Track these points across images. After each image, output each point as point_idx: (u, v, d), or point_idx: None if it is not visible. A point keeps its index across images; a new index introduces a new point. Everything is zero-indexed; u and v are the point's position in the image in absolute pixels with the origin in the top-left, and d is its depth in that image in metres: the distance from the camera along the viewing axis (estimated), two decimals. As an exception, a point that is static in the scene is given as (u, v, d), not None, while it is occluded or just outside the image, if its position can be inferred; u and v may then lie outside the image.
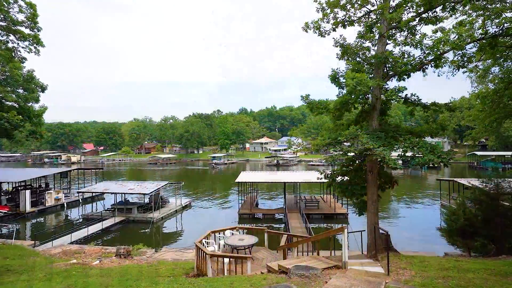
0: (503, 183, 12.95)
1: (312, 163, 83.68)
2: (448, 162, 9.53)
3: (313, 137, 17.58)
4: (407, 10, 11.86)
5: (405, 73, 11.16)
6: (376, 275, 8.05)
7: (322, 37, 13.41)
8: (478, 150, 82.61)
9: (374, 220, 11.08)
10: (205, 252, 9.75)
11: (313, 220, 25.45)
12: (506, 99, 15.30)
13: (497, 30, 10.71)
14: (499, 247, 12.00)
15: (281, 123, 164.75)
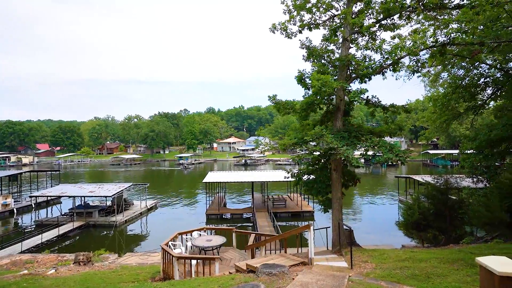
0: (451, 179, 14.14)
1: (280, 163, 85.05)
2: (405, 160, 10.19)
3: (280, 136, 17.95)
4: (368, 16, 12.47)
5: (367, 76, 11.73)
6: (340, 269, 8.39)
7: (289, 38, 13.68)
8: (431, 149, 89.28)
9: (339, 217, 11.53)
10: (172, 254, 9.50)
11: (281, 218, 25.87)
12: (453, 102, 16.70)
13: (446, 39, 11.63)
14: (448, 237, 13.09)
15: (249, 123, 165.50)
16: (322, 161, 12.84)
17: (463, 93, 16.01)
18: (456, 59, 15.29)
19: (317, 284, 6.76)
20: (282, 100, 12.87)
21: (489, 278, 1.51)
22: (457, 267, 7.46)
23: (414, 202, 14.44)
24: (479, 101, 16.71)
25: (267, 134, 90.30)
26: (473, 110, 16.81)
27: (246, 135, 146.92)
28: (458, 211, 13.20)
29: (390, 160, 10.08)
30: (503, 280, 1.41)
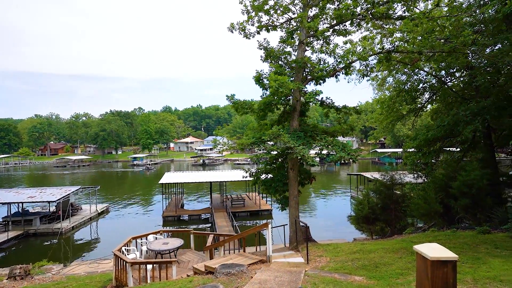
0: (395, 175, 15.39)
1: (238, 162, 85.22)
2: (356, 158, 10.86)
3: (239, 136, 17.99)
4: (322, 21, 13.03)
5: (321, 78, 12.27)
6: (297, 265, 8.67)
7: (247, 38, 13.77)
8: (379, 147, 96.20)
9: (295, 214, 11.90)
10: (125, 260, 9.02)
11: (240, 218, 25.95)
12: (397, 105, 18.19)
13: (391, 47, 12.63)
14: (393, 228, 14.24)
15: (207, 122, 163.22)
16: (279, 160, 13.15)
17: (406, 97, 17.52)
18: (399, 65, 16.68)
19: (275, 280, 6.91)
20: (240, 100, 12.92)
21: (423, 263, 1.68)
22: (400, 255, 8.15)
23: (364, 197, 15.45)
24: (418, 104, 18.41)
25: (225, 133, 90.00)
26: (414, 112, 18.47)
27: (204, 135, 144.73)
28: (401, 204, 14.41)
29: (343, 159, 10.68)
30: (433, 263, 1.59)
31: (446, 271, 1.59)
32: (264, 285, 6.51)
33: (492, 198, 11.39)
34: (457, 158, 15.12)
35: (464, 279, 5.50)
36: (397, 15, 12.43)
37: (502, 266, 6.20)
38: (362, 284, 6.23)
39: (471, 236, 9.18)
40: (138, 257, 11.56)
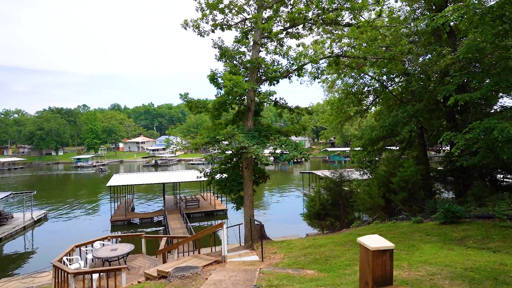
0: (344, 172, 16.39)
1: (192, 162, 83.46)
2: (308, 157, 11.33)
3: (193, 136, 17.58)
4: (276, 23, 13.34)
5: (275, 79, 12.55)
6: (252, 263, 8.77)
7: (201, 36, 13.54)
8: (329, 146, 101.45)
9: (250, 213, 12.01)
10: (66, 271, 8.27)
11: (194, 219, 25.43)
12: (345, 106, 19.39)
13: (339, 51, 13.41)
14: (342, 223, 15.14)
15: (159, 121, 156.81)
16: (234, 159, 13.16)
17: (353, 99, 18.75)
18: (347, 69, 17.80)
19: (230, 280, 6.90)
20: (194, 99, 12.66)
21: (365, 253, 1.82)
22: (348, 247, 8.70)
23: (316, 194, 16.19)
24: (364, 106, 19.82)
25: (179, 133, 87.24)
26: (360, 113, 19.83)
27: (156, 134, 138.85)
28: (349, 200, 15.39)
29: (296, 158, 11.06)
30: (374, 253, 1.73)
31: (384, 259, 1.74)
32: (219, 286, 6.47)
33: (424, 191, 12.72)
34: (396, 156, 16.60)
35: (401, 264, 6.06)
36: (345, 22, 13.21)
37: (431, 251, 6.96)
38: (314, 277, 6.52)
39: (407, 226, 10.14)
40: (83, 266, 10.70)
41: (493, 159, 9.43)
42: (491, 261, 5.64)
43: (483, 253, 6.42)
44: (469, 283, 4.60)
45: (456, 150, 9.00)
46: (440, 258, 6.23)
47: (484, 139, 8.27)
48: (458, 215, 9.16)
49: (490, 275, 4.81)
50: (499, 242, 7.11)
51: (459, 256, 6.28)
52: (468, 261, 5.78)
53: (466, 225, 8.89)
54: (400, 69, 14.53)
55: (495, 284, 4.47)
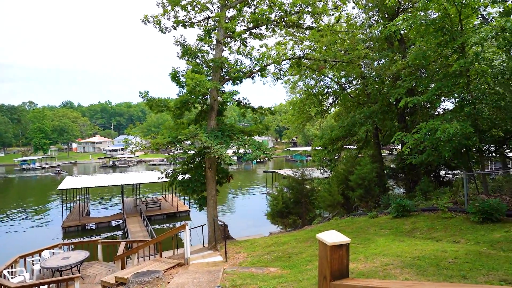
0: (305, 171, 16.91)
1: (153, 163, 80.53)
2: (271, 156, 11.52)
3: (153, 135, 16.90)
4: (240, 23, 13.36)
5: (238, 78, 12.57)
6: (216, 264, 8.70)
7: (163, 33, 13.13)
8: (291, 146, 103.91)
9: (214, 213, 11.91)
10: (7, 286, 7.53)
11: (156, 221, 24.58)
12: (307, 107, 20.01)
13: (301, 53, 13.80)
14: (303, 220, 15.61)
15: (117, 120, 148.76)
16: (197, 160, 12.95)
17: (314, 100, 19.42)
18: (308, 71, 18.38)
19: (193, 282, 6.78)
20: (155, 98, 12.23)
21: (324, 248, 1.91)
22: (309, 244, 8.99)
23: (279, 193, 16.51)
24: (324, 107, 20.61)
25: (139, 132, 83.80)
26: (321, 114, 20.60)
27: (114, 134, 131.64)
28: (311, 197, 15.91)
29: (259, 157, 11.18)
30: (332, 248, 1.82)
31: (341, 254, 1.84)
32: (182, 289, 6.33)
33: (379, 188, 13.58)
34: (354, 155, 17.51)
35: (358, 257, 6.41)
36: (306, 25, 13.63)
37: (385, 243, 7.46)
38: (277, 274, 6.64)
39: (364, 221, 10.75)
40: (29, 279, 9.81)
41: (437, 157, 10.35)
42: (434, 249, 6.19)
43: (428, 243, 7.02)
44: (416, 270, 5.00)
45: (406, 149, 9.74)
46: (392, 249, 6.70)
47: (430, 138, 9.04)
48: (408, 209, 9.91)
49: (433, 262, 5.28)
50: (441, 232, 7.83)
51: (408, 246, 6.80)
52: (415, 250, 6.28)
53: (414, 217, 9.65)
54: (357, 72, 15.36)
55: (437, 269, 4.92)
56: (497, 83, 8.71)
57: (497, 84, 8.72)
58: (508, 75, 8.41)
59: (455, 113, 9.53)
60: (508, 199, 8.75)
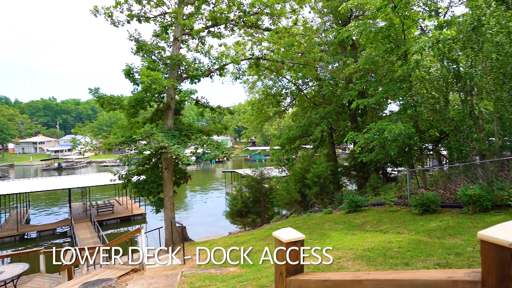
0: (264, 170, 17.17)
1: (105, 164, 75.76)
2: (230, 156, 11.50)
3: (105, 135, 15.76)
4: (198, 21, 13.12)
5: (196, 77, 12.34)
6: (174, 267, 8.45)
7: (115, 27, 12.41)
8: (250, 146, 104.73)
9: (171, 215, 11.56)
10: None
11: (108, 226, 23.13)
12: (265, 107, 20.33)
13: (260, 54, 13.99)
14: (262, 219, 15.84)
15: (64, 118, 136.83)
16: (153, 160, 12.47)
17: (272, 100, 19.79)
18: (267, 72, 18.67)
19: (149, 288, 6.52)
20: (107, 95, 11.52)
21: (280, 245, 1.97)
22: (268, 242, 9.15)
23: (238, 193, 16.54)
24: (282, 107, 21.11)
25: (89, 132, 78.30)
26: (279, 114, 21.06)
27: (60, 133, 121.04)
28: (269, 196, 16.19)
29: (218, 157, 11.10)
30: (287, 245, 1.89)
31: (296, 250, 1.91)
32: (137, 296, 6.05)
33: (333, 185, 14.28)
34: (310, 154, 18.18)
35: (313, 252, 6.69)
36: (265, 26, 13.84)
37: (338, 237, 7.88)
38: (236, 274, 6.66)
39: (320, 217, 11.23)
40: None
41: (384, 155, 11.18)
42: (382, 240, 6.69)
43: (377, 235, 7.57)
44: (367, 261, 5.37)
45: (357, 148, 10.38)
46: (345, 243, 7.10)
47: (378, 138, 9.74)
48: (359, 204, 10.56)
49: (381, 253, 5.70)
50: (388, 224, 8.48)
51: (360, 239, 7.26)
52: (366, 243, 6.73)
53: (365, 212, 10.32)
54: (313, 74, 15.97)
55: (384, 259, 5.33)
56: (433, 88, 9.67)
57: (434, 89, 9.68)
58: (442, 81, 9.38)
59: (400, 114, 10.38)
60: (443, 192, 9.76)
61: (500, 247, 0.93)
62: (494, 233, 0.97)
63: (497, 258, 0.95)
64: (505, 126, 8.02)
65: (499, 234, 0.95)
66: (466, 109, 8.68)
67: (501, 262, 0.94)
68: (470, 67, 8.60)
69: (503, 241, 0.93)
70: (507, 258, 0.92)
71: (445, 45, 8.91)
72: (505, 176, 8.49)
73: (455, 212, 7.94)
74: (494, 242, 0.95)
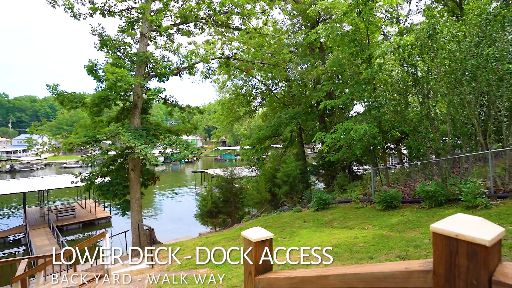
0: (234, 170, 17.16)
1: (66, 166, 71.34)
2: (200, 156, 11.35)
3: (65, 135, 14.70)
4: (167, 18, 12.79)
5: (165, 75, 12.02)
6: (141, 271, 8.18)
7: (76, 20, 11.73)
8: (221, 145, 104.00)
9: (138, 218, 11.17)
10: None
11: (70, 231, 21.81)
12: (235, 106, 20.32)
13: (230, 54, 13.94)
14: (233, 219, 15.82)
15: (18, 116, 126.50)
16: (118, 161, 11.96)
17: (242, 100, 19.82)
18: (237, 72, 18.66)
19: (114, 294, 6.25)
20: (67, 92, 10.86)
21: (249, 245, 1.99)
22: (238, 241, 9.16)
23: (208, 193, 16.37)
24: (252, 107, 21.21)
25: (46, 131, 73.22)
26: (249, 114, 21.14)
27: (13, 133, 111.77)
28: (240, 196, 16.20)
29: (187, 157, 10.90)
30: (256, 244, 1.91)
31: (265, 248, 1.93)
32: (101, 303, 5.77)
33: (302, 184, 14.62)
34: (280, 153, 18.46)
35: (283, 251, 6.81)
36: (235, 26, 13.82)
37: (307, 235, 8.09)
38: (207, 274, 6.59)
39: (289, 216, 11.44)
40: None
41: (351, 154, 11.65)
42: (348, 236, 6.97)
43: (344, 231, 7.87)
44: (334, 257, 5.57)
45: (325, 147, 10.71)
46: (314, 240, 7.30)
47: (345, 138, 10.12)
48: (327, 202, 10.91)
49: (347, 248, 5.94)
50: (354, 220, 8.86)
51: (327, 236, 7.50)
52: (333, 239, 6.97)
53: (333, 209, 10.68)
54: (283, 75, 16.23)
55: (350, 254, 5.56)
56: (395, 91, 10.25)
57: (395, 92, 10.26)
58: (402, 84, 9.97)
59: (365, 115, 10.87)
60: (403, 188, 10.38)
61: (449, 238, 1.02)
62: (443, 226, 1.05)
63: (446, 248, 1.04)
64: (456, 127, 8.70)
65: (447, 226, 1.04)
66: (423, 111, 9.29)
67: (450, 251, 1.02)
68: (427, 72, 9.23)
69: (450, 232, 1.01)
70: (454, 248, 1.01)
71: (405, 51, 9.48)
72: (457, 173, 9.22)
73: (414, 207, 8.47)
74: (443, 233, 1.04)
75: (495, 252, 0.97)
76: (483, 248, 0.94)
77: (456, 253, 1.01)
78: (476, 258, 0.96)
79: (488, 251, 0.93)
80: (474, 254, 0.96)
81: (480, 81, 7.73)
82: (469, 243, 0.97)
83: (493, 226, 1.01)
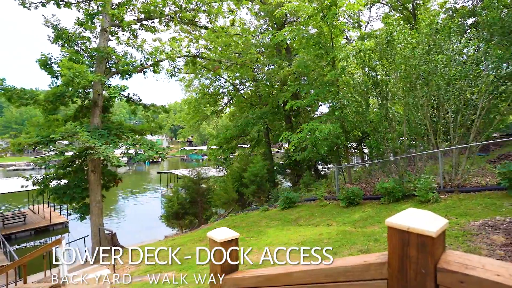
0: (201, 170, 16.92)
1: (16, 168, 65.49)
2: (165, 156, 11.03)
3: (14, 134, 13.39)
4: (130, 12, 12.26)
5: (127, 72, 11.52)
6: (101, 279, 7.76)
7: (26, 8, 10.83)
8: (187, 145, 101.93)
9: (99, 222, 10.59)
10: None
11: (19, 240, 20.03)
12: (202, 106, 20.04)
13: (196, 52, 13.72)
14: (200, 220, 15.59)
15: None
16: (76, 162, 11.25)
17: (209, 99, 19.59)
18: (204, 70, 18.41)
19: (72, 304, 5.87)
20: (16, 88, 9.98)
21: (214, 245, 1.98)
22: (206, 243, 9.03)
23: (174, 194, 15.97)
24: (219, 107, 21.05)
25: (-7, 130, 66.69)
26: (216, 113, 20.95)
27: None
28: (207, 196, 16.00)
29: (152, 157, 10.55)
30: (223, 244, 1.92)
31: (231, 249, 1.94)
32: (56, 315, 5.39)
33: (270, 183, 14.80)
34: (247, 153, 18.53)
35: (252, 250, 6.85)
36: (202, 24, 13.62)
37: (275, 233, 8.22)
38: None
39: (257, 215, 11.53)
40: None
41: (316, 153, 12.02)
42: (313, 233, 7.20)
43: (309, 228, 8.11)
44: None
45: (292, 147, 10.94)
46: (281, 238, 7.43)
47: (310, 138, 10.42)
48: (293, 200, 11.15)
49: (313, 245, 6.13)
50: (319, 218, 9.15)
51: (294, 233, 7.68)
52: (299, 236, 7.15)
53: (299, 207, 10.94)
54: (250, 75, 16.29)
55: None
56: (357, 92, 10.76)
57: (357, 94, 10.77)
58: (364, 87, 10.50)
59: (329, 116, 11.28)
60: (365, 185, 10.93)
61: (401, 231, 1.10)
62: (396, 220, 1.14)
63: (399, 241, 1.12)
64: (411, 128, 9.33)
65: (400, 220, 1.12)
66: (382, 112, 9.85)
67: (402, 243, 1.10)
68: (385, 75, 9.79)
69: (402, 226, 1.09)
70: (406, 240, 1.09)
71: (366, 55, 9.99)
72: (412, 170, 9.90)
73: (374, 203, 8.96)
74: (396, 227, 1.12)
75: (440, 242, 1.07)
76: (430, 239, 1.02)
77: (408, 245, 1.09)
78: (425, 249, 1.04)
79: (434, 241, 1.02)
80: (423, 245, 1.05)
81: (431, 85, 8.38)
82: (419, 235, 1.05)
83: (439, 218, 1.11)
